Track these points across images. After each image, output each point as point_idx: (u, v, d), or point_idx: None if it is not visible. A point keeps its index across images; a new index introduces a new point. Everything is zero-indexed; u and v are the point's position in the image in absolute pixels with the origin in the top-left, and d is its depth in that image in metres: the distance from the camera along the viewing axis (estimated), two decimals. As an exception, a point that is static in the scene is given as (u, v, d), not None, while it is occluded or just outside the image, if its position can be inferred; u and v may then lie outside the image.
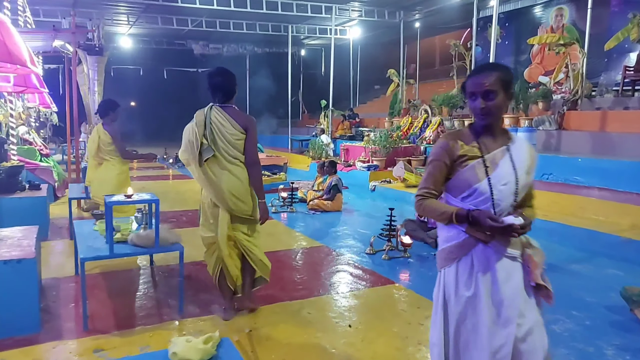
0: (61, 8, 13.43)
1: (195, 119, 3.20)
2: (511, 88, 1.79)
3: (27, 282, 3.04)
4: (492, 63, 1.97)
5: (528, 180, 1.81)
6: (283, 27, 17.07)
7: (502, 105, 1.77)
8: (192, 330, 3.19)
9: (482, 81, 1.75)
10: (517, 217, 1.67)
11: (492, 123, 1.81)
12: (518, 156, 1.81)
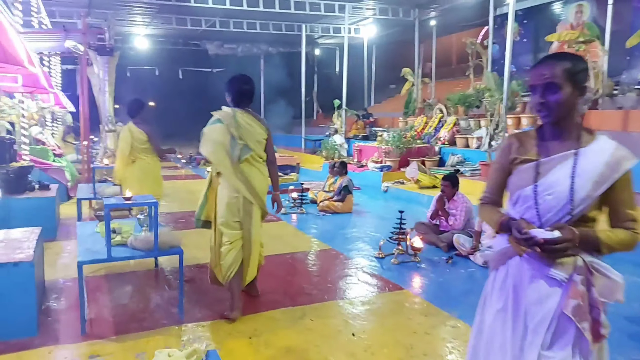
0: (77, 9, 13.58)
1: (224, 120, 3.34)
2: (583, 82, 1.55)
3: (24, 285, 3.00)
4: (560, 52, 1.71)
5: (594, 192, 1.51)
6: (297, 26, 16.99)
7: (567, 101, 1.52)
8: (190, 336, 3.12)
9: (543, 72, 1.54)
10: (552, 231, 1.47)
11: (559, 122, 1.57)
12: (587, 163, 1.53)
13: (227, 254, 3.38)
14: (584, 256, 1.51)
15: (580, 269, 1.50)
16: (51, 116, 10.96)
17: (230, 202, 3.35)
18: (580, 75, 1.54)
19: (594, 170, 1.51)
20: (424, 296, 3.93)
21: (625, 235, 1.52)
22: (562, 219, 1.54)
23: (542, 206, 1.56)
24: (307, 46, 19.69)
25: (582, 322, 1.48)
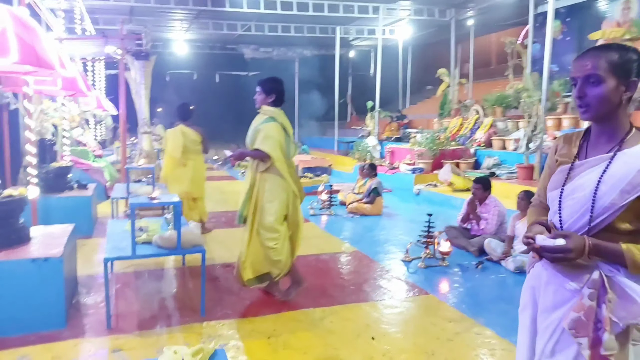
0: (119, 16, 14.10)
1: (278, 119, 3.62)
2: (630, 75, 1.37)
3: (53, 280, 3.12)
4: (607, 43, 1.48)
5: (621, 201, 1.34)
6: (330, 29, 17.01)
7: (610, 96, 1.37)
8: (210, 333, 3.15)
9: (584, 63, 1.39)
10: (557, 238, 1.35)
11: (602, 121, 1.43)
12: (619, 167, 1.37)
13: (283, 248, 3.62)
14: (603, 269, 1.37)
15: (594, 283, 1.36)
16: (94, 119, 11.43)
17: (283, 198, 3.58)
18: (627, 67, 1.37)
19: (624, 177, 1.35)
20: (450, 301, 3.82)
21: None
22: (583, 227, 1.41)
23: (564, 212, 1.45)
24: (341, 48, 19.67)
25: (580, 338, 1.36)
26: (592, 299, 1.35)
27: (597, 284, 1.35)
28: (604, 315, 1.33)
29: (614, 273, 1.36)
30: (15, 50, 2.97)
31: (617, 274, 1.36)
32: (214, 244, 5.53)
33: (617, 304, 1.33)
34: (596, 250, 1.35)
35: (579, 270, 1.40)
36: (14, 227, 3.34)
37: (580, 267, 1.40)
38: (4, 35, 2.95)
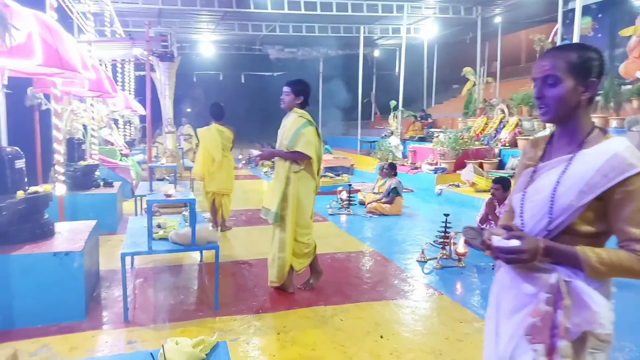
0: (148, 18, 14.48)
1: (313, 123, 3.84)
2: (589, 76, 1.34)
3: (74, 273, 3.25)
4: (568, 43, 1.48)
5: (578, 202, 1.31)
6: (355, 28, 16.99)
7: (568, 97, 1.34)
8: (222, 328, 3.22)
9: (543, 63, 1.37)
10: (510, 239, 1.32)
11: (563, 122, 1.40)
12: (578, 168, 1.33)
13: (312, 242, 3.90)
14: (562, 274, 1.31)
15: (551, 287, 1.31)
16: (122, 119, 11.77)
17: (313, 195, 3.88)
18: (586, 67, 1.34)
19: (582, 177, 1.32)
20: (463, 302, 3.78)
21: (620, 258, 1.25)
22: (543, 229, 1.38)
23: (525, 214, 1.43)
24: (365, 48, 19.61)
25: (536, 344, 1.32)
26: (549, 304, 1.30)
27: (554, 288, 1.31)
28: (559, 322, 1.28)
29: (572, 277, 1.30)
30: (40, 53, 3.12)
31: (575, 279, 1.30)
32: (234, 242, 5.64)
33: (572, 310, 1.29)
34: (550, 252, 1.32)
35: (537, 274, 1.36)
36: (38, 222, 3.50)
37: (538, 271, 1.36)
38: (29, 38, 3.09)
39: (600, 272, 1.26)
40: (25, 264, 3.15)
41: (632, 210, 1.26)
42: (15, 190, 3.36)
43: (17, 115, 6.28)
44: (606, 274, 1.27)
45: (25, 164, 3.60)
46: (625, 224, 1.27)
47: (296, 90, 3.83)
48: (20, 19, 3.08)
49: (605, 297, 1.31)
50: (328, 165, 12.17)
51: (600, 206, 1.31)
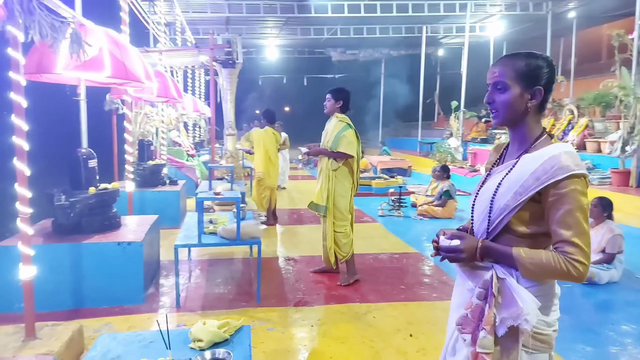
0: (217, 26, 15.35)
1: (352, 125, 4.15)
2: (536, 84, 1.39)
3: (134, 261, 3.66)
4: (519, 52, 1.45)
5: (513, 203, 1.36)
6: (417, 28, 16.82)
7: (514, 103, 1.40)
8: (262, 318, 3.47)
9: (493, 70, 1.44)
10: (452, 239, 1.41)
11: (513, 127, 1.46)
12: (518, 170, 1.39)
13: (350, 233, 4.22)
14: (498, 271, 1.37)
15: (484, 283, 1.38)
16: (191, 121, 12.59)
17: (350, 191, 4.17)
18: (533, 75, 1.39)
19: (518, 179, 1.37)
20: (501, 307, 3.75)
21: (548, 259, 1.29)
22: (485, 229, 1.43)
23: (475, 214, 1.49)
24: (429, 47, 19.32)
25: (465, 334, 1.40)
26: (480, 298, 1.37)
27: (486, 284, 1.37)
28: (485, 315, 1.35)
29: (506, 275, 1.36)
30: (109, 66, 3.55)
31: (509, 277, 1.36)
32: (283, 239, 5.92)
33: (501, 305, 1.34)
34: (487, 252, 1.38)
35: (478, 271, 1.43)
36: (107, 215, 3.96)
37: (480, 269, 1.43)
38: (100, 53, 3.53)
39: (532, 272, 1.32)
40: (93, 252, 3.59)
41: (563, 213, 1.29)
42: (87, 187, 3.83)
43: (97, 118, 7.01)
44: (538, 273, 1.32)
45: (97, 163, 4.08)
46: (556, 226, 1.31)
47: (336, 96, 4.16)
48: (93, 36, 3.52)
49: (542, 297, 1.35)
50: (385, 167, 12.19)
51: (537, 208, 1.36)
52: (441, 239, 1.45)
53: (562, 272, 1.28)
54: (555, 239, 1.32)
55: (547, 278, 1.35)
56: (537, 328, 1.35)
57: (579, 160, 1.33)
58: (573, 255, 1.27)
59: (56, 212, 3.69)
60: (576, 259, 1.27)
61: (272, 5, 13.55)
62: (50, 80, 4.02)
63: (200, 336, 1.97)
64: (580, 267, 1.27)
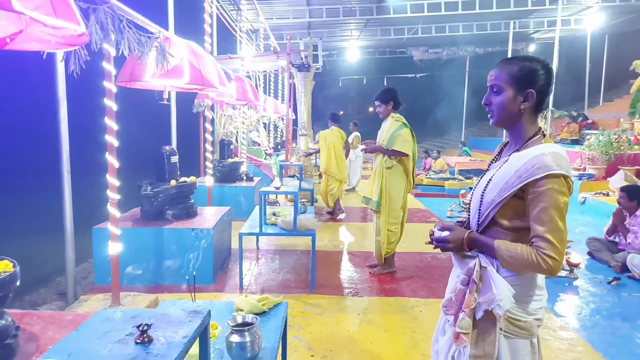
0: (300, 31, 15.98)
1: (408, 125, 4.29)
2: (528, 87, 1.47)
3: (206, 246, 4.12)
4: (519, 56, 1.56)
5: (498, 198, 1.46)
6: (504, 24, 16.07)
7: (508, 105, 1.49)
8: (314, 303, 3.74)
9: (491, 74, 1.55)
10: (443, 230, 1.56)
11: (508, 127, 1.55)
12: (507, 167, 1.48)
13: (397, 232, 4.34)
14: (482, 260, 1.49)
15: (468, 270, 1.50)
16: (272, 122, 13.29)
17: (404, 189, 4.30)
18: (526, 79, 1.48)
19: (504, 176, 1.47)
20: (555, 310, 3.66)
21: (521, 252, 1.38)
22: (476, 222, 1.54)
23: (471, 208, 1.61)
24: (519, 43, 18.39)
25: (448, 316, 1.53)
26: (464, 284, 1.49)
27: (470, 271, 1.49)
28: (466, 299, 1.46)
29: (487, 264, 1.47)
30: (187, 74, 4.03)
31: (490, 266, 1.47)
32: (345, 234, 6.16)
33: (480, 290, 1.46)
34: (473, 243, 1.51)
35: (466, 260, 1.56)
36: (185, 205, 4.49)
37: (467, 257, 1.55)
38: (181, 63, 4.04)
39: (508, 263, 1.42)
40: (172, 236, 4.12)
41: (539, 210, 1.38)
42: (169, 180, 4.38)
43: (187, 120, 7.79)
44: (514, 264, 1.41)
45: (178, 159, 4.63)
46: (533, 222, 1.40)
47: (383, 99, 4.32)
48: (175, 48, 4.03)
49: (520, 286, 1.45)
50: (463, 168, 11.90)
51: (520, 204, 1.44)
52: (435, 231, 1.60)
53: (534, 265, 1.37)
54: (532, 234, 1.41)
55: (522, 269, 1.44)
56: (515, 315, 1.46)
57: (564, 162, 1.40)
58: (544, 250, 1.36)
59: (143, 200, 4.28)
60: (547, 253, 1.35)
61: (351, 8, 13.82)
62: (141, 87, 4.64)
63: (241, 307, 2.29)
64: (550, 261, 1.35)
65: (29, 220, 7.40)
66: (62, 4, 1.53)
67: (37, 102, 4.37)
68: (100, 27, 2.88)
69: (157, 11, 6.22)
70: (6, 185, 8.07)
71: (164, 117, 6.61)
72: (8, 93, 8.35)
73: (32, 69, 3.04)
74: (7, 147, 8.34)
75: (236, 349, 1.82)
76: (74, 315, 2.34)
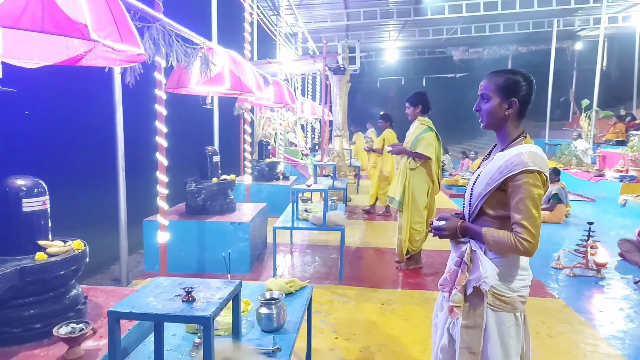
0: (338, 33, 16.28)
1: (433, 128, 4.47)
2: (511, 96, 1.70)
3: (244, 238, 4.49)
4: (505, 69, 1.78)
5: (484, 191, 1.69)
6: (547, 22, 15.73)
7: (494, 111, 1.72)
8: (341, 293, 4.02)
9: (481, 83, 1.78)
10: (440, 220, 1.80)
11: (496, 129, 1.77)
12: (492, 164, 1.72)
13: (422, 230, 4.51)
14: (473, 245, 1.72)
15: (461, 254, 1.75)
16: (310, 124, 13.66)
17: (427, 190, 4.47)
18: (510, 89, 1.69)
19: (489, 172, 1.70)
20: (577, 307, 3.76)
21: (503, 237, 1.62)
22: (468, 212, 1.78)
23: (465, 201, 1.82)
24: (564, 41, 17.92)
25: (444, 292, 1.80)
26: (457, 265, 1.75)
27: (462, 254, 1.74)
28: (457, 277, 1.72)
29: (477, 248, 1.71)
30: (228, 81, 4.42)
31: (479, 249, 1.71)
32: (377, 232, 6.39)
33: (471, 270, 1.71)
34: (465, 231, 1.76)
35: (460, 245, 1.79)
36: (225, 200, 4.88)
37: (461, 243, 1.79)
38: (222, 71, 4.42)
39: (493, 247, 1.66)
40: (213, 229, 4.51)
41: (516, 201, 1.61)
42: (211, 177, 4.78)
43: (228, 122, 8.26)
44: (497, 248, 1.65)
45: (220, 159, 5.03)
46: (512, 211, 1.63)
47: (413, 102, 4.52)
48: (218, 57, 4.43)
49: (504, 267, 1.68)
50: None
51: (503, 196, 1.68)
52: (434, 220, 1.87)
53: (513, 247, 1.61)
54: (511, 221, 1.64)
55: (504, 252, 1.68)
56: (500, 291, 1.69)
57: (539, 159, 1.63)
58: (521, 234, 1.59)
59: (187, 196, 4.70)
60: (523, 237, 1.59)
61: (388, 10, 13.98)
62: (187, 93, 5.07)
63: (271, 287, 2.60)
64: (526, 243, 1.58)
65: (88, 213, 8.10)
66: (126, 31, 1.89)
67: (98, 108, 4.90)
68: (152, 42, 3.28)
69: (202, 21, 6.71)
70: (70, 181, 8.87)
71: (207, 120, 7.09)
72: (74, 101, 9.16)
73: (94, 79, 3.48)
74: (71, 147, 9.16)
75: (264, 320, 2.14)
76: (130, 290, 2.73)
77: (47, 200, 2.20)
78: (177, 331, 2.17)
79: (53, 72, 3.07)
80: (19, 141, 10.32)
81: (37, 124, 11.48)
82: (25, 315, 2.00)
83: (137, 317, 1.48)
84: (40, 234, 2.16)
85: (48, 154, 10.24)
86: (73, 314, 2.15)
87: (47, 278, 2.01)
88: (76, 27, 1.68)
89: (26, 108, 10.78)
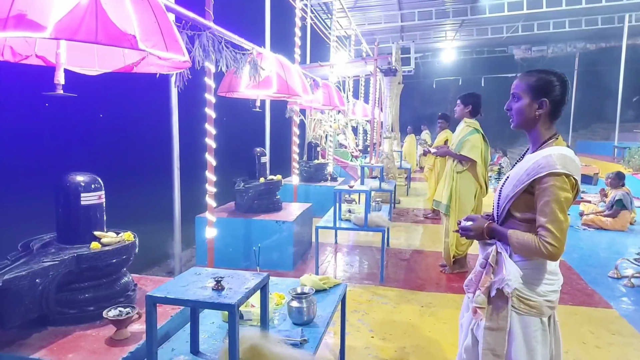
0: (392, 35, 16.17)
1: (480, 130, 4.39)
2: (542, 96, 1.67)
3: (288, 237, 4.63)
4: (539, 69, 1.72)
5: (512, 193, 1.69)
6: (617, 17, 14.72)
7: (524, 111, 1.71)
8: (381, 294, 4.04)
9: (513, 83, 1.77)
10: (468, 221, 1.80)
11: (527, 130, 1.76)
12: (521, 166, 1.71)
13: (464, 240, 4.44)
14: (499, 247, 1.71)
15: (487, 255, 1.74)
16: (362, 126, 13.66)
17: (474, 192, 4.38)
18: (541, 89, 1.67)
19: (517, 174, 1.68)
20: (631, 319, 3.55)
21: (527, 239, 1.60)
22: (497, 213, 1.77)
23: (495, 203, 1.81)
24: (637, 37, 16.66)
25: (469, 293, 1.82)
26: (482, 267, 1.74)
27: (487, 256, 1.74)
28: (482, 278, 1.71)
29: (502, 250, 1.71)
30: (275, 85, 4.57)
31: (504, 251, 1.70)
32: (424, 234, 6.32)
33: (495, 272, 1.70)
34: (491, 232, 1.75)
35: (487, 246, 1.77)
36: (272, 200, 5.06)
37: (488, 245, 1.77)
38: (270, 75, 4.59)
39: (518, 249, 1.64)
40: (260, 227, 4.69)
41: (543, 203, 1.59)
42: (259, 177, 4.97)
43: (279, 124, 8.49)
44: (522, 250, 1.63)
45: (270, 160, 5.21)
46: (538, 214, 1.62)
47: (465, 101, 4.43)
48: (266, 61, 4.60)
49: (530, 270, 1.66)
50: (562, 174, 11.21)
51: (530, 199, 1.66)
52: (462, 221, 1.88)
53: (537, 251, 1.59)
54: (536, 224, 1.63)
55: (528, 255, 1.66)
56: (524, 294, 1.68)
57: (568, 162, 1.60)
58: (545, 238, 1.57)
59: (236, 195, 4.92)
60: (548, 241, 1.57)
61: (444, 10, 13.70)
62: (238, 97, 5.30)
63: (305, 282, 2.70)
64: (550, 247, 1.56)
65: (145, 211, 8.64)
66: (171, 40, 2.06)
67: (155, 112, 5.26)
68: (202, 49, 3.49)
69: (256, 27, 6.97)
70: (128, 181, 9.49)
71: (258, 122, 7.34)
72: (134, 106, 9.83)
73: (151, 85, 3.75)
74: (130, 148, 9.80)
75: (294, 312, 2.23)
76: (176, 281, 2.93)
77: (103, 194, 2.43)
78: (215, 320, 2.32)
79: (117, 78, 3.36)
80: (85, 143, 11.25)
81: (101, 127, 12.43)
82: (80, 299, 2.22)
83: (170, 302, 1.63)
84: (96, 225, 2.39)
85: (110, 154, 11.07)
86: (123, 299, 2.36)
87: (100, 265, 2.22)
88: (126, 38, 1.86)
89: (93, 112, 11.70)
